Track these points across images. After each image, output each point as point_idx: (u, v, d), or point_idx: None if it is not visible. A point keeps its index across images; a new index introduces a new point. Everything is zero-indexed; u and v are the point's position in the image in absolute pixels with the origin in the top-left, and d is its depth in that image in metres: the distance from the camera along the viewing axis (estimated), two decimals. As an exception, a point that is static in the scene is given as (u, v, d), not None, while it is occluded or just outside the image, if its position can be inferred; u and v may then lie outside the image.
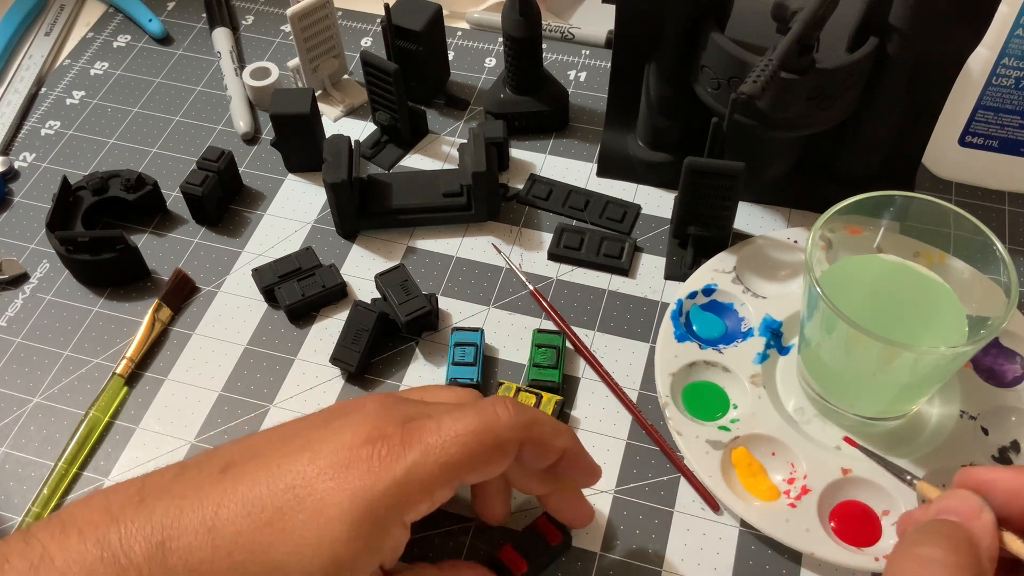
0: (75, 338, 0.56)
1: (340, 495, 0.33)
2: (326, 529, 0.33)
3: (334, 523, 0.33)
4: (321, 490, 0.34)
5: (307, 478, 0.34)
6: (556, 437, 0.39)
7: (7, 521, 0.48)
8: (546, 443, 0.39)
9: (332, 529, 0.33)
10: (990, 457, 0.47)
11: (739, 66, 0.50)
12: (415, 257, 0.59)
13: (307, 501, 0.33)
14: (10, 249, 0.61)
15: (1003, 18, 0.53)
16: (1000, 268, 0.44)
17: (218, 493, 0.34)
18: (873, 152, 0.57)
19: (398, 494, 0.34)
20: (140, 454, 0.51)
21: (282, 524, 0.33)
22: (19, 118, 0.69)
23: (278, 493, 0.34)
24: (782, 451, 0.48)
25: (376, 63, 0.60)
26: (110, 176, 0.60)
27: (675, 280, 0.57)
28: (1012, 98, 0.57)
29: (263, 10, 0.77)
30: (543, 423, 0.39)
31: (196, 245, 0.60)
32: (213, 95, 0.70)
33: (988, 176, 0.61)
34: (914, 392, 0.48)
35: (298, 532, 0.33)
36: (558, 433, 0.39)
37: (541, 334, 0.53)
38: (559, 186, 0.62)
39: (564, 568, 0.46)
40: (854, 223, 0.47)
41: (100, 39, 0.75)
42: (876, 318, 0.42)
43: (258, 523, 0.33)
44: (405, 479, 0.34)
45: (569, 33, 0.72)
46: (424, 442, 0.35)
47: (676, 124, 0.59)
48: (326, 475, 0.34)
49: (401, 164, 0.64)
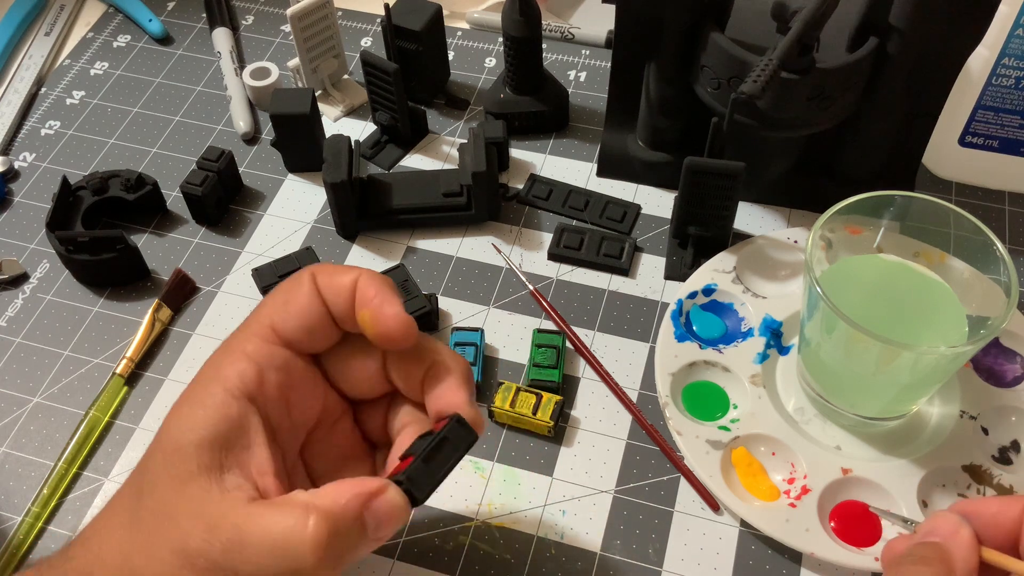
0: (75, 338, 0.56)
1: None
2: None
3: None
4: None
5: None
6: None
7: (7, 521, 0.48)
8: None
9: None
10: (990, 457, 0.47)
11: (739, 66, 0.50)
12: (415, 257, 0.59)
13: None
14: (10, 249, 0.61)
15: (1003, 18, 0.53)
16: (1000, 268, 0.44)
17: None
18: (873, 152, 0.57)
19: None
20: (140, 454, 0.50)
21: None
22: (19, 118, 0.69)
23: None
24: (782, 451, 0.48)
25: (376, 63, 0.60)
26: (110, 176, 0.60)
27: (675, 280, 0.57)
28: (1012, 98, 0.57)
29: (263, 10, 0.77)
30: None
31: (196, 245, 0.60)
32: (213, 95, 0.70)
33: (988, 176, 0.61)
34: (914, 392, 0.48)
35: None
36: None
37: (541, 334, 0.53)
38: (559, 186, 0.62)
39: (564, 568, 0.46)
40: (854, 223, 0.47)
41: (100, 39, 0.75)
42: (876, 318, 0.42)
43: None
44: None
45: (569, 33, 0.72)
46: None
47: (676, 124, 0.59)
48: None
49: (401, 164, 0.64)
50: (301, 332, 0.37)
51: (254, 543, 0.31)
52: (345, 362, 0.39)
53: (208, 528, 0.32)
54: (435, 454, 0.34)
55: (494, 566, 0.46)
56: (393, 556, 0.46)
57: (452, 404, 0.36)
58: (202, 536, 0.32)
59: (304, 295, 0.37)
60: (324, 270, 0.37)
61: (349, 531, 0.32)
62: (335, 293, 0.37)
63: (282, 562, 0.31)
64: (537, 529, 0.47)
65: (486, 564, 0.46)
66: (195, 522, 0.32)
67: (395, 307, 0.36)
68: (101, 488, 0.49)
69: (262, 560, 0.31)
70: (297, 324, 0.37)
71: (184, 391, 0.37)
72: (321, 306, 0.37)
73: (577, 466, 0.49)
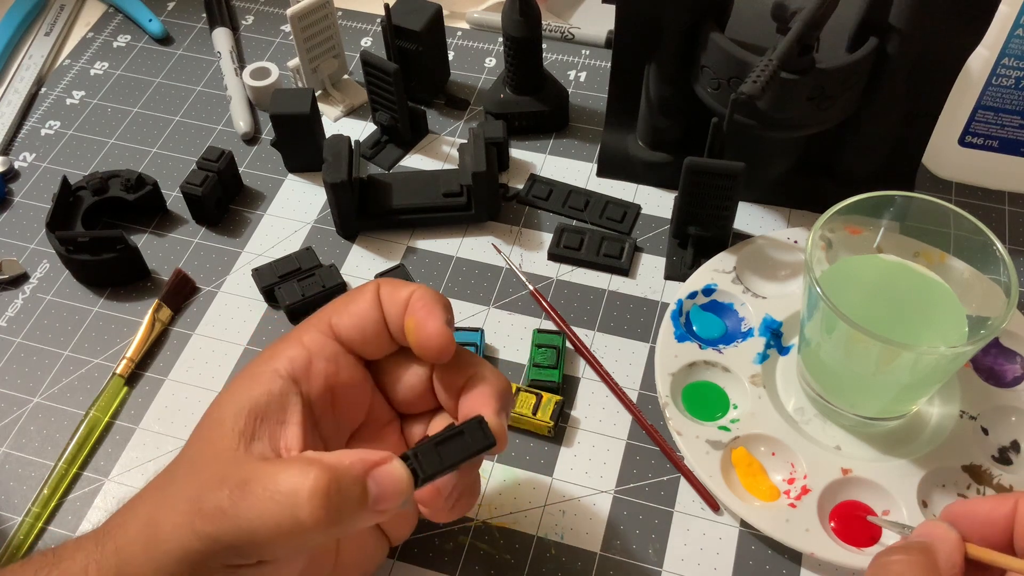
0: (75, 338, 0.56)
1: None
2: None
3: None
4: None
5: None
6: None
7: (7, 521, 0.48)
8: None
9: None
10: (990, 457, 0.47)
11: (739, 66, 0.50)
12: (415, 257, 0.59)
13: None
14: (10, 249, 0.61)
15: (1003, 18, 0.53)
16: (1000, 268, 0.44)
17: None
18: (873, 152, 0.57)
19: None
20: (140, 454, 0.51)
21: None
22: (19, 118, 0.69)
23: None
24: (782, 451, 0.48)
25: (376, 63, 0.60)
26: (110, 176, 0.60)
27: (675, 280, 0.57)
28: (1012, 98, 0.57)
29: (263, 10, 0.77)
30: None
31: (196, 245, 0.60)
32: (213, 95, 0.70)
33: (988, 176, 0.61)
34: (914, 392, 0.48)
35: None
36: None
37: (541, 334, 0.53)
38: (559, 186, 0.62)
39: (564, 568, 0.46)
40: (854, 223, 0.47)
41: (100, 39, 0.75)
42: (876, 318, 0.42)
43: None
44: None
45: (569, 33, 0.72)
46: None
47: (676, 124, 0.59)
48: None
49: (401, 164, 0.64)
50: (355, 332, 0.39)
51: (258, 491, 0.32)
52: (395, 372, 0.41)
53: (221, 478, 0.34)
54: (448, 442, 0.35)
55: (494, 566, 0.46)
56: (393, 556, 0.46)
57: (479, 410, 0.37)
58: (214, 485, 0.33)
59: (366, 300, 0.39)
60: (389, 282, 0.40)
61: (349, 490, 0.33)
62: (392, 304, 0.39)
63: (282, 509, 0.32)
64: (537, 529, 0.47)
65: (486, 564, 0.46)
66: (212, 474, 0.34)
67: (438, 321, 0.38)
68: (101, 488, 0.49)
69: (263, 506, 0.32)
70: (353, 323, 0.39)
71: (240, 371, 0.40)
72: (378, 314, 0.39)
73: (577, 466, 0.49)
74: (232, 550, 0.33)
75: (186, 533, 0.33)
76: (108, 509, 0.49)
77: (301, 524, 0.32)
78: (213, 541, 0.32)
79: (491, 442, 0.35)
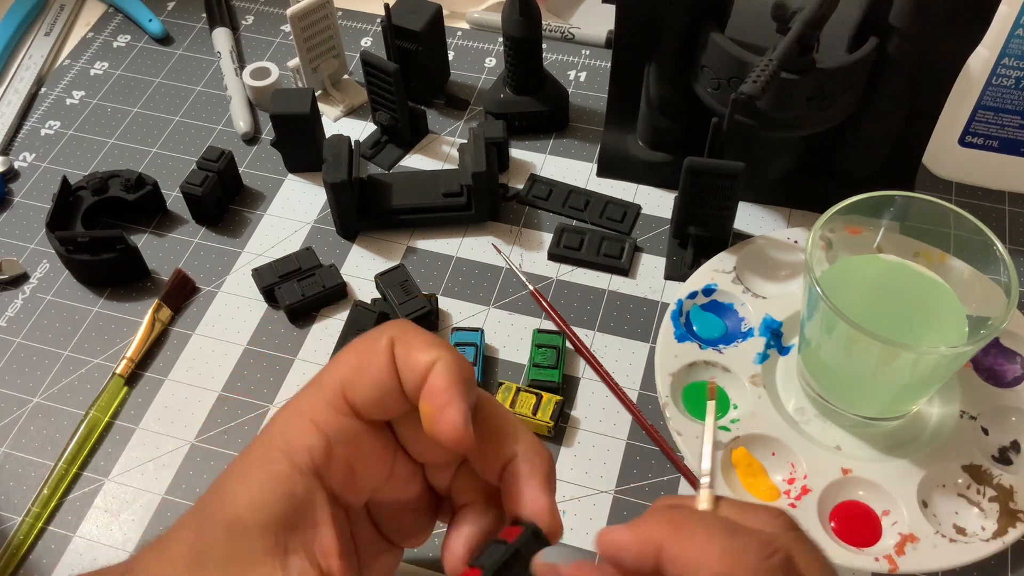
0: (75, 338, 0.56)
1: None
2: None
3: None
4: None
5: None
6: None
7: (7, 521, 0.48)
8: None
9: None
10: (990, 457, 0.47)
11: (739, 66, 0.50)
12: (415, 257, 0.59)
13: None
14: (10, 249, 0.61)
15: (1003, 18, 0.53)
16: (1000, 268, 0.44)
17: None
18: (873, 152, 0.57)
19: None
20: (140, 454, 0.51)
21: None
22: (19, 118, 0.69)
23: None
24: (782, 451, 0.48)
25: (376, 63, 0.60)
26: (110, 176, 0.60)
27: (675, 280, 0.57)
28: (1012, 98, 0.57)
29: (263, 10, 0.77)
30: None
31: (196, 245, 0.60)
32: (213, 95, 0.70)
33: (988, 176, 0.61)
34: (914, 392, 0.48)
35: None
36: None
37: (541, 334, 0.53)
38: (559, 186, 0.62)
39: (564, 568, 0.46)
40: (854, 223, 0.47)
41: (100, 39, 0.75)
42: (876, 318, 0.42)
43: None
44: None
45: (569, 33, 0.72)
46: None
47: (676, 124, 0.59)
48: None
49: (401, 164, 0.64)
50: (372, 404, 0.35)
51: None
52: (416, 431, 0.35)
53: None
54: (506, 569, 0.32)
55: None
56: (393, 556, 0.46)
57: (533, 512, 0.34)
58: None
59: (379, 365, 0.34)
60: (404, 340, 0.35)
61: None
62: (410, 370, 0.34)
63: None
64: (537, 529, 0.47)
65: None
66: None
67: (457, 414, 0.33)
68: (101, 488, 0.49)
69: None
70: (369, 395, 0.34)
71: (248, 451, 0.35)
72: (395, 379, 0.34)
73: (577, 466, 0.49)
74: None
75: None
76: (108, 509, 0.49)
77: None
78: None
79: (547, 544, 0.33)
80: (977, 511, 0.46)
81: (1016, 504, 0.45)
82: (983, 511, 0.46)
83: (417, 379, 0.34)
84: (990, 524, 0.45)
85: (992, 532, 0.45)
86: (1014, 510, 0.45)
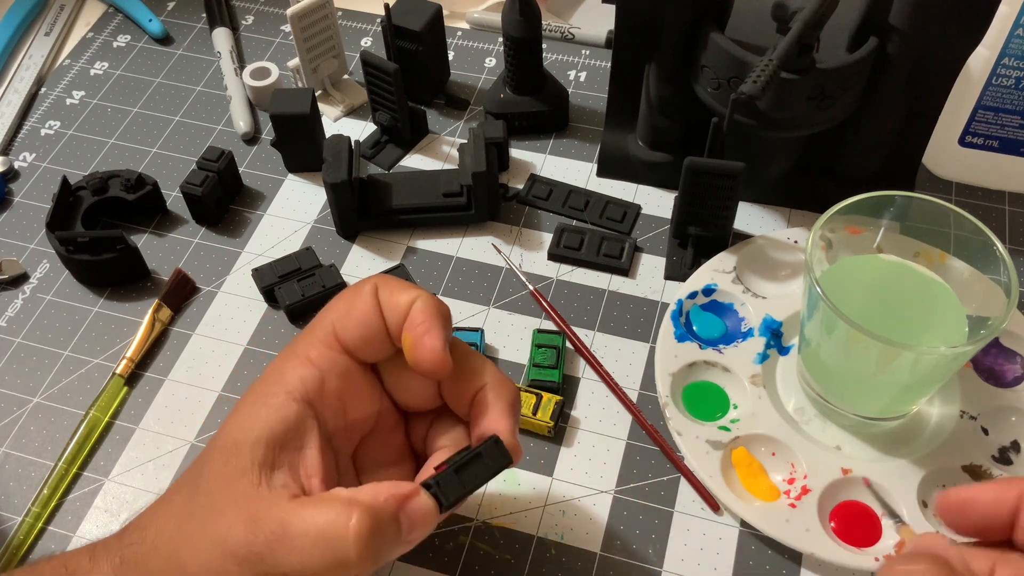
0: (75, 338, 0.56)
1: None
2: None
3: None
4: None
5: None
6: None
7: (7, 521, 0.48)
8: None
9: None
10: (990, 457, 0.47)
11: (739, 66, 0.50)
12: (415, 257, 0.59)
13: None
14: (10, 249, 0.61)
15: (1003, 18, 0.53)
16: (1000, 268, 0.44)
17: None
18: (873, 152, 0.57)
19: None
20: (140, 454, 0.51)
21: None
22: (19, 118, 0.69)
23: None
24: (782, 451, 0.48)
25: (376, 63, 0.60)
26: (110, 176, 0.60)
27: (675, 280, 0.57)
28: (1012, 98, 0.57)
29: (263, 10, 0.77)
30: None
31: (196, 245, 0.60)
32: (213, 95, 0.70)
33: (988, 176, 0.61)
34: (914, 392, 0.48)
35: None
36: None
37: (541, 334, 0.53)
38: (559, 186, 0.62)
39: (564, 568, 0.46)
40: (854, 223, 0.47)
41: (100, 39, 0.75)
42: (876, 318, 0.42)
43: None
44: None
45: (569, 33, 0.72)
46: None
47: (676, 124, 0.59)
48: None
49: (401, 164, 0.64)
50: (360, 341, 0.38)
51: (298, 535, 0.33)
52: (400, 374, 0.40)
53: (251, 520, 0.33)
54: (467, 467, 0.36)
55: (494, 566, 0.46)
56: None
57: (496, 430, 0.37)
58: (245, 528, 0.33)
59: (364, 306, 0.38)
60: (387, 284, 0.39)
61: (387, 528, 0.34)
62: (392, 309, 0.38)
63: (327, 553, 0.32)
64: (537, 529, 0.47)
65: (486, 564, 0.46)
66: (239, 515, 0.34)
67: (436, 340, 0.37)
68: (101, 488, 0.49)
69: (306, 551, 0.33)
70: (356, 333, 0.38)
71: (247, 392, 0.38)
72: (379, 319, 0.38)
73: (577, 466, 0.49)
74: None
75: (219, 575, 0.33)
76: (108, 509, 0.49)
77: (346, 565, 0.32)
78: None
79: (508, 460, 0.36)
80: (977, 511, 0.46)
81: (1016, 504, 0.45)
82: (983, 511, 0.46)
83: (399, 316, 0.38)
84: (990, 524, 0.45)
85: (992, 532, 0.45)
86: (1014, 510, 0.45)
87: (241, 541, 0.33)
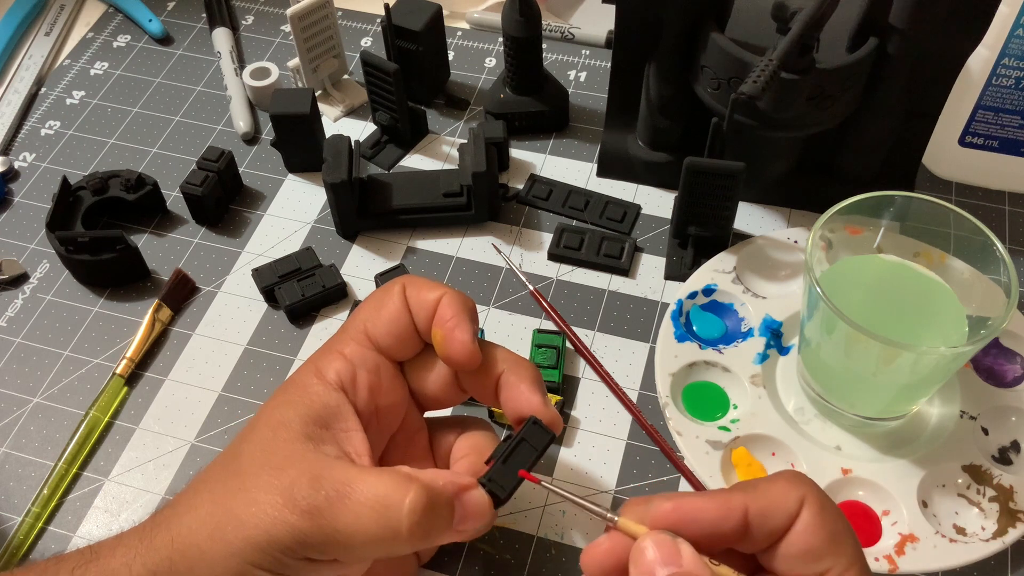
0: (75, 338, 0.56)
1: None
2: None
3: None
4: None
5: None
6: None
7: (7, 521, 0.48)
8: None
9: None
10: (990, 457, 0.47)
11: (739, 66, 0.50)
12: (415, 257, 0.59)
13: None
14: (10, 249, 0.61)
15: (1003, 18, 0.53)
16: (1000, 268, 0.44)
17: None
18: (873, 152, 0.57)
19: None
20: (140, 454, 0.51)
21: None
22: (19, 118, 0.69)
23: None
24: (782, 451, 0.48)
25: (376, 63, 0.60)
26: (110, 176, 0.60)
27: (675, 280, 0.57)
28: (1012, 98, 0.57)
29: (263, 10, 0.77)
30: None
31: (196, 245, 0.60)
32: (213, 95, 0.70)
33: (988, 176, 0.61)
34: (914, 392, 0.48)
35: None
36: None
37: (541, 334, 0.53)
38: (559, 186, 0.62)
39: (564, 568, 0.46)
40: (854, 223, 0.47)
41: (100, 39, 0.75)
42: (876, 318, 0.43)
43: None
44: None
45: (569, 33, 0.72)
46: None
47: (676, 124, 0.59)
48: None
49: (401, 164, 0.64)
50: (390, 338, 0.40)
51: (358, 498, 0.34)
52: (423, 369, 0.42)
53: (314, 478, 0.34)
54: (513, 455, 0.37)
55: (494, 566, 0.46)
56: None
57: (528, 410, 0.39)
58: (308, 484, 0.34)
59: (393, 304, 0.40)
60: (414, 283, 0.41)
61: (441, 511, 0.34)
62: (420, 307, 0.40)
63: (380, 520, 0.33)
64: (537, 529, 0.47)
65: (486, 564, 0.46)
66: (301, 472, 0.35)
67: (466, 334, 0.39)
68: (101, 488, 0.49)
69: (362, 515, 0.33)
70: (386, 330, 0.40)
71: (282, 385, 0.40)
72: (408, 316, 0.40)
73: (577, 466, 0.49)
74: (317, 547, 0.34)
75: (274, 523, 0.33)
76: (108, 509, 0.49)
77: (397, 536, 0.33)
78: (302, 535, 0.33)
79: (551, 436, 0.38)
80: (977, 511, 0.46)
81: (1016, 504, 0.45)
82: (983, 511, 0.46)
83: (427, 313, 0.39)
84: (990, 524, 0.45)
85: (992, 532, 0.45)
86: (1014, 510, 0.45)
87: (305, 493, 0.34)
